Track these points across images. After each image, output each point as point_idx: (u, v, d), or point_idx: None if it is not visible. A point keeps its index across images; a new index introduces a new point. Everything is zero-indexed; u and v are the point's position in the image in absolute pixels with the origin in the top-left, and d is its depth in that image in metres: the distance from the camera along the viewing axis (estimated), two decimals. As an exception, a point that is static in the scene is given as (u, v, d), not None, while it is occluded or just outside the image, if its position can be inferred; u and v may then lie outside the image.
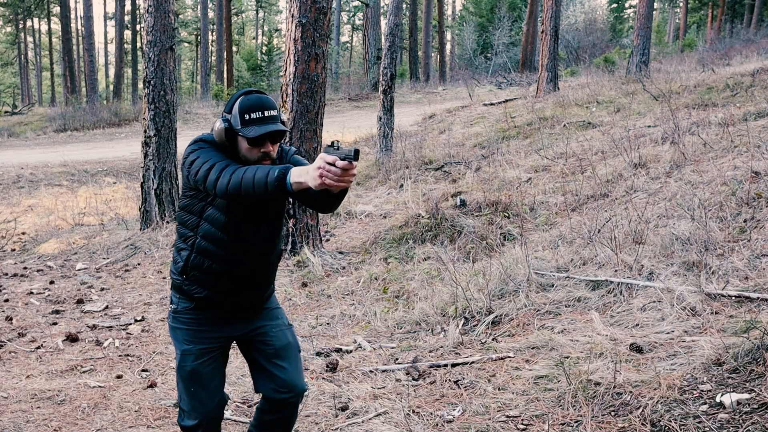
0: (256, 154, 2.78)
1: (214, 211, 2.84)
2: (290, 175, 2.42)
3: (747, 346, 3.77)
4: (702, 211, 6.13)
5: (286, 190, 2.43)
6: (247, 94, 2.83)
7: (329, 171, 2.29)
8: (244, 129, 2.74)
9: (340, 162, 2.27)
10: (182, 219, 2.95)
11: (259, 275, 3.00)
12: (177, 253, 2.99)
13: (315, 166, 2.33)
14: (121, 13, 40.97)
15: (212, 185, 2.61)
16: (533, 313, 5.12)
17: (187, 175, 2.79)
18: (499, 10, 42.77)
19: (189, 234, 2.92)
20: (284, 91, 7.40)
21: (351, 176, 2.33)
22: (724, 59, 20.60)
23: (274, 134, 2.77)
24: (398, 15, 13.74)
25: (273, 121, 2.78)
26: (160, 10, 9.42)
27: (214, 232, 2.85)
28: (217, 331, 2.98)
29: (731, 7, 45.18)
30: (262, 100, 2.80)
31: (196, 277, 2.92)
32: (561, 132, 12.65)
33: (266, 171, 2.47)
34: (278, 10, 63.13)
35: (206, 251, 2.88)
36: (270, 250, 3.00)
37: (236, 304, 2.98)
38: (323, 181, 2.31)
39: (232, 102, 2.84)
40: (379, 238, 7.77)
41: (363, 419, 3.86)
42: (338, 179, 2.30)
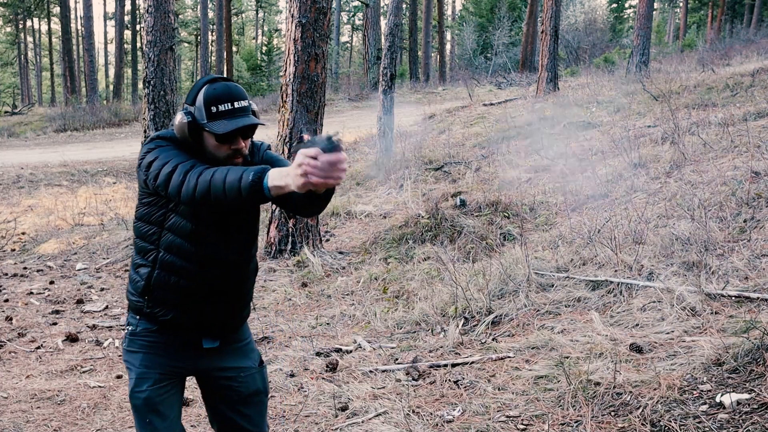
0: (226, 151, 2.42)
1: (178, 219, 2.46)
2: (267, 178, 2.06)
3: (747, 346, 3.77)
4: (702, 211, 6.13)
5: (263, 196, 2.07)
6: (213, 82, 2.44)
7: (314, 166, 1.94)
8: (211, 123, 2.37)
9: (324, 156, 1.93)
10: (140, 231, 2.54)
11: (234, 291, 2.62)
12: (134, 271, 2.59)
13: (295, 165, 1.98)
14: (121, 13, 40.97)
15: (176, 191, 2.23)
16: (533, 313, 5.12)
17: (144, 179, 2.40)
18: (499, 10, 42.75)
19: (149, 248, 2.53)
20: (284, 91, 7.40)
21: (341, 170, 1.98)
22: (724, 59, 20.59)
23: (246, 129, 2.41)
24: (398, 15, 13.74)
25: (244, 113, 2.41)
26: (160, 10, 9.43)
27: (180, 243, 2.48)
28: (179, 360, 2.59)
29: (731, 7, 45.17)
30: (231, 89, 2.42)
31: (160, 297, 2.53)
32: (561, 132, 12.65)
33: (239, 173, 2.10)
34: (278, 10, 63.14)
35: (171, 266, 2.50)
36: (245, 262, 2.63)
37: (209, 325, 2.59)
38: (309, 179, 1.95)
39: (195, 91, 2.46)
40: (379, 238, 7.77)
41: (363, 419, 3.86)
42: (326, 175, 1.95)
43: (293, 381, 4.47)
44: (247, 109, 2.43)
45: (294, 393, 4.31)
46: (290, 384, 4.42)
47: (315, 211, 2.43)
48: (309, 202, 2.31)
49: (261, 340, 5.25)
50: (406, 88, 32.13)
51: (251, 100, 2.49)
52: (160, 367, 2.56)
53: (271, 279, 6.86)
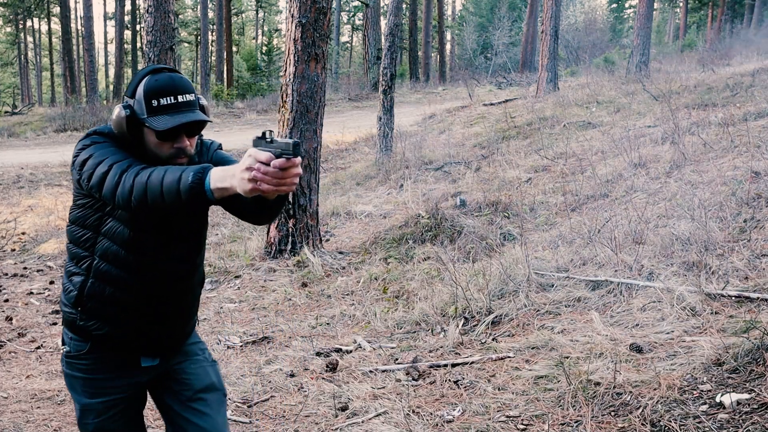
0: (168, 150, 2.20)
1: (115, 223, 2.23)
2: (210, 179, 1.85)
3: (747, 346, 3.77)
4: (702, 211, 6.13)
5: (205, 198, 1.86)
6: (155, 73, 2.20)
7: (264, 173, 1.74)
8: (152, 119, 2.14)
9: (277, 161, 1.73)
10: (74, 236, 2.31)
11: (177, 305, 2.39)
12: (68, 279, 2.35)
13: (243, 166, 1.77)
14: (121, 13, 40.97)
15: (111, 193, 2.02)
16: (533, 313, 5.12)
17: (78, 179, 2.17)
18: (499, 10, 42.77)
19: (83, 254, 2.30)
20: (284, 91, 7.40)
21: (294, 177, 1.78)
22: (724, 59, 20.60)
23: (191, 126, 2.19)
24: (398, 15, 13.74)
25: (190, 108, 2.19)
26: (160, 10, 9.42)
27: (116, 250, 2.24)
28: (123, 377, 2.36)
29: (731, 7, 45.16)
30: (175, 80, 2.19)
31: (94, 310, 2.30)
32: (561, 132, 12.65)
33: (178, 173, 1.89)
34: (278, 10, 63.11)
35: (107, 276, 2.27)
36: (190, 273, 2.40)
37: (147, 343, 2.36)
38: (256, 186, 1.76)
39: (135, 83, 2.22)
40: (379, 238, 7.77)
41: (363, 419, 3.86)
42: (277, 182, 1.75)
43: (293, 381, 4.47)
44: (193, 103, 2.20)
45: (294, 393, 4.31)
46: (290, 384, 4.42)
47: (265, 219, 2.22)
48: (258, 208, 2.12)
49: (261, 340, 5.25)
50: (406, 88, 32.14)
51: (197, 95, 2.27)
52: (103, 393, 2.33)
53: (271, 279, 6.86)
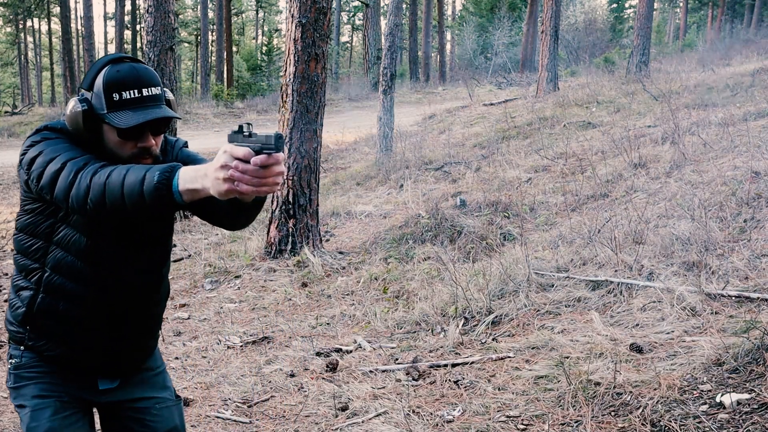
0: (131, 150, 1.95)
1: (69, 231, 1.97)
2: (178, 179, 1.61)
3: (747, 346, 3.77)
4: (702, 211, 6.13)
5: (173, 201, 1.62)
6: (116, 63, 1.94)
7: (243, 171, 1.50)
8: (113, 115, 1.90)
9: (257, 157, 1.51)
10: (22, 245, 2.04)
11: (140, 321, 2.16)
12: (15, 294, 2.09)
13: (217, 164, 1.53)
14: (121, 14, 40.96)
15: (63, 195, 1.76)
16: (533, 313, 5.12)
17: (26, 179, 1.91)
18: (499, 10, 42.74)
19: (33, 266, 2.03)
20: (284, 91, 7.40)
21: (277, 175, 1.54)
22: (724, 59, 20.60)
23: (157, 123, 1.96)
24: (398, 15, 13.74)
25: (155, 102, 1.95)
26: (160, 10, 9.43)
27: (71, 261, 1.99)
28: (78, 389, 2.13)
29: (731, 7, 45.17)
30: (140, 72, 1.93)
31: (45, 328, 2.05)
32: (561, 132, 12.65)
33: (141, 173, 1.65)
34: (278, 11, 63.11)
35: (60, 290, 2.01)
36: (155, 285, 2.17)
37: (106, 364, 2.13)
38: (233, 187, 1.52)
39: (93, 73, 1.95)
40: (379, 238, 7.77)
41: (363, 419, 3.86)
42: (258, 182, 1.52)
43: (293, 381, 4.47)
44: (159, 97, 1.97)
45: (294, 393, 4.31)
46: (290, 384, 4.42)
47: (241, 224, 1.98)
48: (234, 212, 1.90)
49: (261, 340, 5.25)
50: (406, 88, 32.13)
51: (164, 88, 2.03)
52: (61, 393, 2.09)
53: (271, 279, 6.86)
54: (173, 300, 6.43)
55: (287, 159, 7.30)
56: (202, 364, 4.87)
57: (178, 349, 5.19)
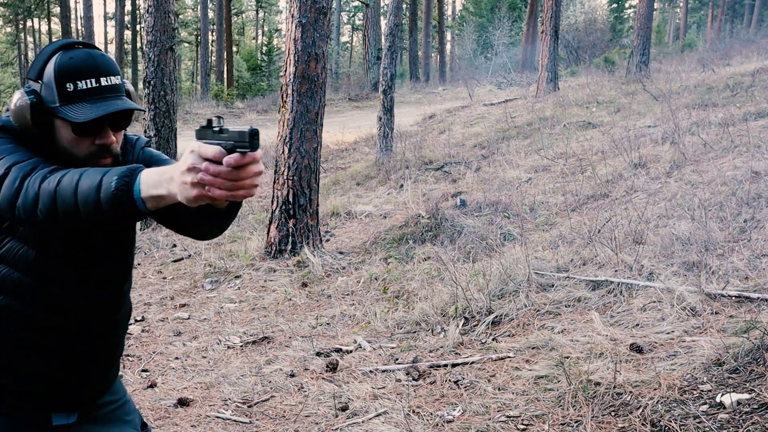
0: (87, 148, 1.70)
1: (15, 244, 1.72)
2: (140, 184, 1.38)
3: (747, 346, 3.77)
4: (702, 211, 6.14)
5: (135, 210, 1.39)
6: (69, 49, 1.69)
7: (214, 174, 1.28)
8: (67, 108, 1.65)
9: (230, 157, 1.29)
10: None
11: (99, 345, 1.89)
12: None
13: (184, 166, 1.31)
14: (121, 14, 40.97)
15: (8, 204, 1.52)
16: (533, 313, 5.12)
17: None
18: (499, 10, 42.78)
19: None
20: (284, 91, 7.40)
21: (254, 177, 1.32)
22: (724, 59, 20.60)
23: (118, 117, 1.72)
24: (398, 15, 13.74)
25: (114, 93, 1.70)
26: (160, 10, 9.43)
27: (18, 278, 1.74)
28: (27, 426, 1.86)
29: (731, 7, 45.17)
30: (96, 58, 1.69)
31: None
32: (561, 132, 12.65)
33: (97, 177, 1.42)
34: (278, 11, 63.12)
35: (5, 311, 1.76)
36: (115, 304, 1.91)
37: (61, 396, 1.86)
38: (203, 192, 1.30)
39: (42, 61, 1.70)
40: (379, 238, 7.77)
41: (363, 419, 3.86)
42: (233, 186, 1.30)
43: (293, 381, 4.47)
44: (118, 88, 1.72)
45: (294, 393, 4.31)
46: (290, 384, 4.42)
47: (215, 233, 1.75)
48: (206, 220, 1.64)
49: (261, 340, 5.25)
50: (406, 88, 32.14)
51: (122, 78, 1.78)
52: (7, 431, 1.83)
53: (271, 279, 6.86)
54: (173, 300, 6.43)
55: (287, 159, 7.30)
56: (202, 364, 4.87)
57: (178, 349, 5.19)
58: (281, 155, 7.38)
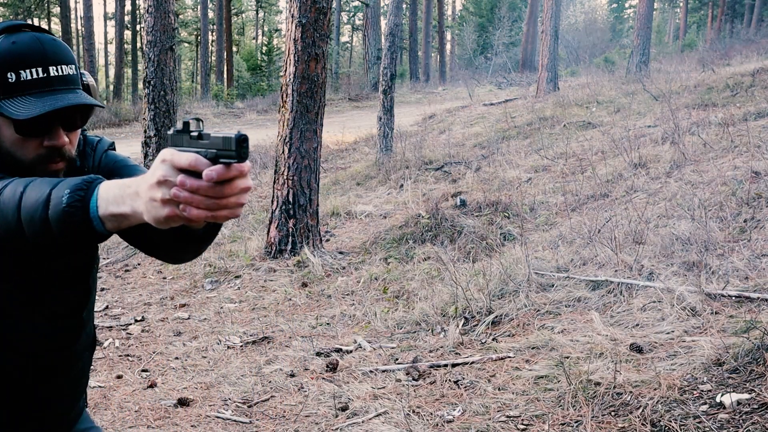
0: (35, 151, 1.43)
1: None
2: (98, 199, 1.13)
3: (747, 346, 3.77)
4: (702, 211, 6.13)
5: (91, 231, 1.14)
6: (12, 32, 1.43)
7: (192, 189, 1.03)
8: (10, 102, 1.39)
9: (212, 170, 1.04)
10: None
11: (58, 383, 1.63)
12: None
13: (152, 179, 1.06)
14: (121, 14, 40.97)
15: None
16: (533, 313, 5.12)
17: None
18: (499, 10, 42.79)
19: None
20: (284, 91, 7.40)
21: (241, 194, 1.07)
22: (724, 59, 20.60)
23: (72, 113, 1.45)
24: (398, 15, 13.74)
25: (67, 86, 1.44)
26: (160, 10, 9.42)
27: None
28: None
29: (731, 6, 45.16)
30: (45, 43, 1.42)
31: None
32: (561, 132, 12.65)
33: (45, 190, 1.16)
34: (278, 11, 63.10)
35: None
36: (74, 335, 1.64)
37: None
38: (177, 212, 1.05)
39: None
40: (379, 238, 7.77)
41: (363, 419, 3.86)
42: (214, 204, 1.05)
43: (293, 381, 4.47)
44: (73, 79, 1.46)
45: (294, 393, 4.31)
46: (290, 384, 4.42)
47: (189, 257, 1.47)
48: (179, 243, 1.37)
49: (261, 340, 5.25)
50: (406, 88, 32.14)
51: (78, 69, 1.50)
52: None
53: (271, 279, 6.86)
54: (173, 300, 6.43)
55: (287, 159, 7.30)
56: (202, 364, 4.88)
57: (178, 349, 5.19)
58: (281, 155, 7.38)
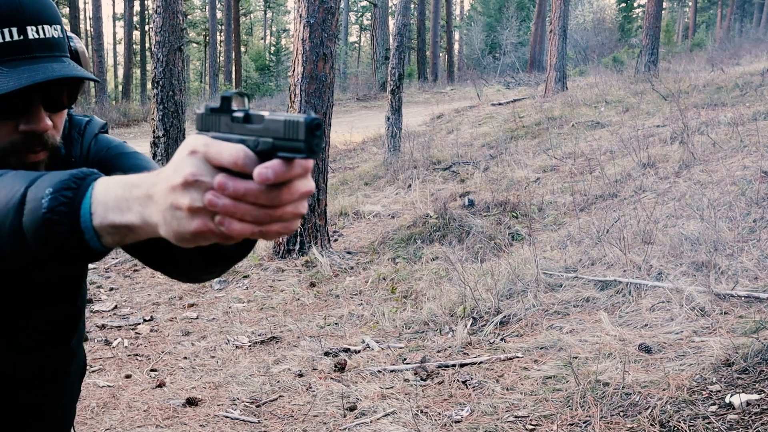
0: (8, 137, 1.13)
1: None
2: (92, 202, 0.80)
3: (756, 346, 3.76)
4: (711, 211, 6.11)
5: (83, 246, 0.81)
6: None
7: (236, 194, 0.71)
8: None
9: (267, 166, 0.71)
10: None
11: (42, 417, 1.38)
12: None
13: (176, 179, 0.73)
14: (129, 14, 41.11)
15: None
16: (541, 313, 5.11)
17: None
18: (507, 10, 42.74)
19: None
20: (292, 91, 7.41)
21: (300, 201, 0.75)
22: (733, 58, 20.52)
23: (57, 88, 1.15)
24: (406, 15, 13.74)
25: (50, 52, 1.12)
26: (169, 10, 9.45)
27: None
28: None
29: (740, 6, 44.99)
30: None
31: None
32: (569, 132, 12.63)
33: (20, 187, 0.84)
34: (286, 11, 63.21)
35: None
36: (61, 364, 1.39)
37: None
38: (210, 226, 0.73)
39: None
40: (388, 238, 7.77)
41: (371, 419, 3.86)
42: (267, 216, 0.73)
43: (301, 381, 4.47)
44: (57, 44, 1.14)
45: (302, 393, 4.32)
46: (298, 384, 4.43)
47: (209, 277, 1.16)
48: (204, 262, 1.07)
49: (269, 340, 5.26)
50: (414, 88, 32.12)
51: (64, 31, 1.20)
52: None
53: (280, 279, 6.87)
54: (182, 300, 6.45)
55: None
56: (210, 364, 4.89)
57: (186, 349, 5.20)
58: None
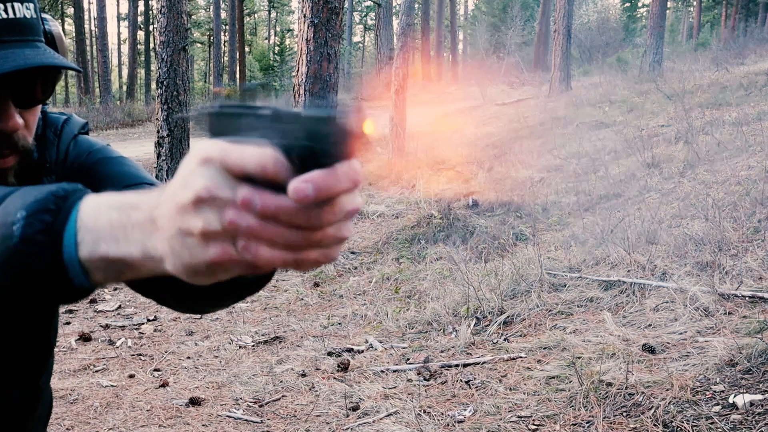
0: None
1: None
2: (78, 229, 0.60)
3: (760, 346, 3.75)
4: (716, 211, 6.10)
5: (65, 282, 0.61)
6: None
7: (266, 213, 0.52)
8: None
9: (305, 180, 0.51)
10: None
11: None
12: None
13: (185, 196, 0.54)
14: (134, 14, 41.18)
15: None
16: (545, 313, 5.10)
17: None
18: (511, 10, 42.69)
19: None
20: (296, 91, 7.41)
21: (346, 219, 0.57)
22: (738, 58, 20.47)
23: (29, 79, 0.99)
24: (410, 15, 13.73)
25: (23, 35, 0.98)
26: (173, 10, 9.46)
27: None
28: None
29: (745, 5, 44.87)
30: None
31: None
32: (574, 132, 12.61)
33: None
34: (290, 11, 63.25)
35: None
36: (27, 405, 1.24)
37: None
38: (232, 254, 0.53)
39: None
40: (391, 238, 7.77)
41: (374, 419, 3.86)
42: (304, 240, 0.54)
43: (304, 381, 4.47)
44: (30, 26, 0.99)
45: (305, 392, 4.32)
46: (301, 384, 4.43)
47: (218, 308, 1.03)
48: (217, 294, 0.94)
49: (273, 340, 5.26)
50: (418, 88, 32.10)
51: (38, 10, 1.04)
52: None
53: (283, 279, 6.87)
54: (186, 299, 6.45)
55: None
56: (213, 364, 4.89)
57: (190, 349, 5.21)
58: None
